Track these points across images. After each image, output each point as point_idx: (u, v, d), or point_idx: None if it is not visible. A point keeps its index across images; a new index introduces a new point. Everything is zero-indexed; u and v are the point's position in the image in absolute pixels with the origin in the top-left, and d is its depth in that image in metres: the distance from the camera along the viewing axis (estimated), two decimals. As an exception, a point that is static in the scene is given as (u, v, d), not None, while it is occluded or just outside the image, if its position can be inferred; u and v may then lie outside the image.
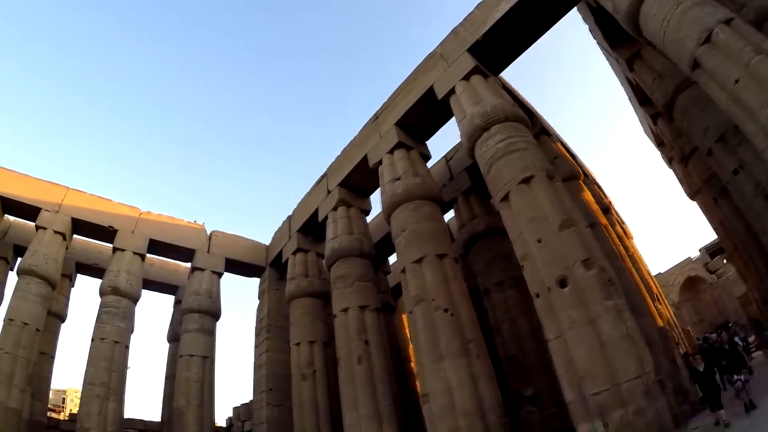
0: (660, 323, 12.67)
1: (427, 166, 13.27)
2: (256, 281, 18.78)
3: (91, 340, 14.92)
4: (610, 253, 11.27)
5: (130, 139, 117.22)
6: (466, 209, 14.32)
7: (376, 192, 15.24)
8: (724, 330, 17.80)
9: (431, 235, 11.20)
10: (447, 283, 10.62)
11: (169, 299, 20.75)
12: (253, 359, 17.12)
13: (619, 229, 15.82)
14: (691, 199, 16.62)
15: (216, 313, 16.82)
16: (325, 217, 14.67)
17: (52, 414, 19.74)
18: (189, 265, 17.59)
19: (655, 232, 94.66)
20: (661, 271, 25.00)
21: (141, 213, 16.94)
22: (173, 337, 19.31)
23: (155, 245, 16.82)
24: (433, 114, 12.93)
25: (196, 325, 15.88)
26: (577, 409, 8.21)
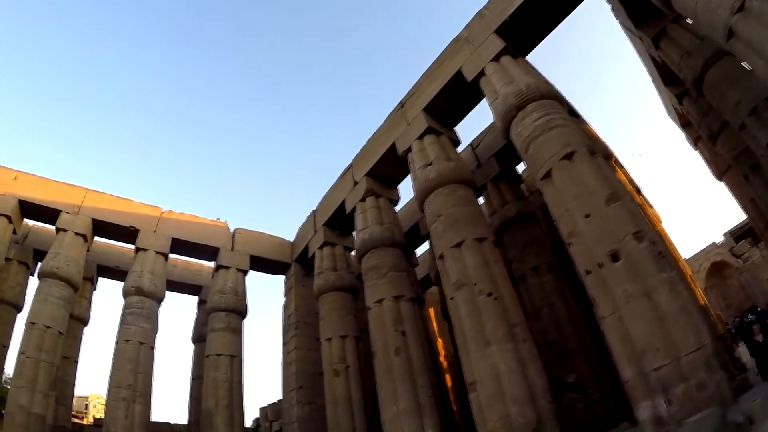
0: (702, 301, 12.43)
1: (456, 152, 13.08)
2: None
3: (116, 342, 14.66)
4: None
5: (148, 139, 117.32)
6: (497, 195, 14.10)
7: (402, 183, 15.11)
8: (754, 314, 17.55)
9: (469, 219, 10.96)
10: (488, 267, 10.35)
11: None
12: (280, 358, 16.82)
13: (650, 211, 15.60)
14: (718, 179, 16.38)
15: (242, 311, 16.55)
16: (352, 209, 14.45)
17: (76, 420, 19.41)
18: (212, 264, 17.37)
19: (673, 219, 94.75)
20: (686, 258, 24.65)
21: (162, 212, 16.73)
22: (198, 337, 19.03)
23: (178, 244, 16.59)
24: (461, 98, 12.75)
25: (222, 323, 15.60)
26: (637, 386, 7.90)
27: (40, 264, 15.19)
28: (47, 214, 15.39)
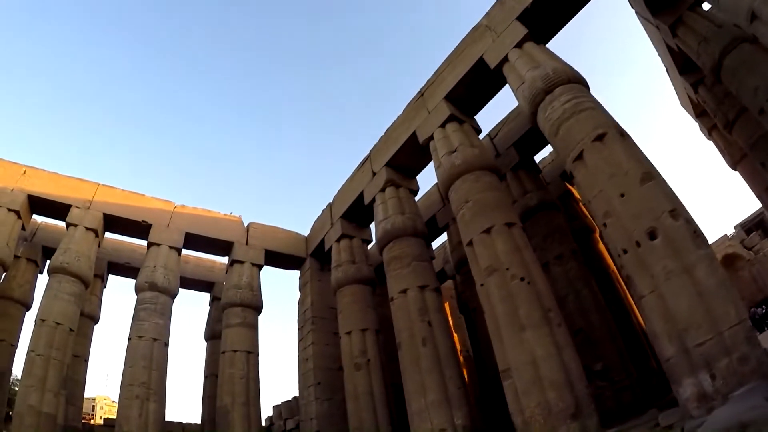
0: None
1: (476, 141, 12.98)
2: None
3: (128, 339, 14.28)
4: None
5: (161, 133, 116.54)
6: (517, 185, 14.03)
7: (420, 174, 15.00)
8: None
9: (497, 204, 10.83)
10: (520, 252, 10.20)
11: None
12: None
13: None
14: (733, 168, 16.43)
15: (258, 307, 16.22)
16: (371, 201, 14.26)
17: (84, 421, 18.88)
18: (224, 261, 17.07)
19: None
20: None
21: (175, 207, 16.42)
22: (211, 335, 18.65)
23: (191, 239, 16.27)
24: (482, 86, 12.68)
25: (238, 319, 15.28)
26: (679, 363, 7.77)
27: (49, 261, 14.83)
28: (57, 209, 15.03)
